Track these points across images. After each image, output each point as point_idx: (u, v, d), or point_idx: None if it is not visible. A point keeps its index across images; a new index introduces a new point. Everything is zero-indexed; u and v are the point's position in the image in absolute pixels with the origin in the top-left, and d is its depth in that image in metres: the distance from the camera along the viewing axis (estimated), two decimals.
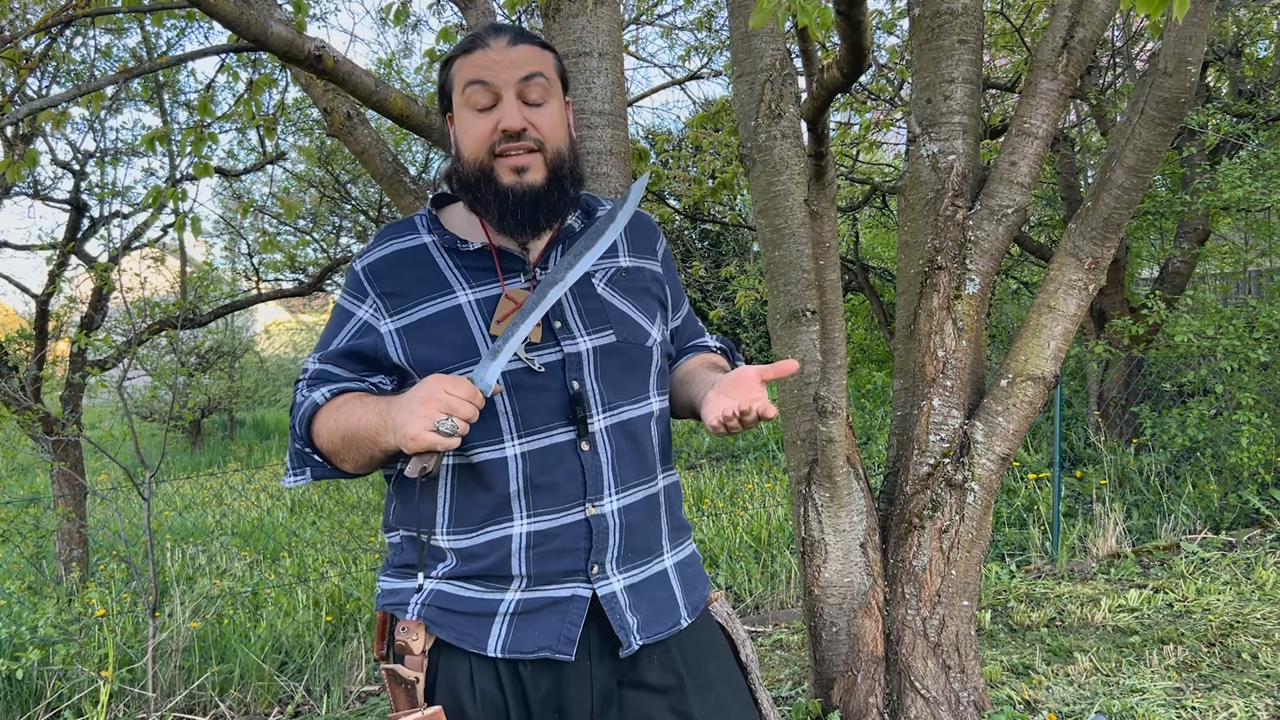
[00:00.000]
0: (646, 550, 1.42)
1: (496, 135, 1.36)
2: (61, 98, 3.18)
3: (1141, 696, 3.30)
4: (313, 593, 5.10)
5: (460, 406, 1.23)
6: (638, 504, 1.41)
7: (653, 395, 1.46)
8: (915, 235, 3.06)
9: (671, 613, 1.43)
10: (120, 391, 4.39)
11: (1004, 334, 8.92)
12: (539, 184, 1.37)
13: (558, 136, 1.40)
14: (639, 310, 1.45)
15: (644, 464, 1.43)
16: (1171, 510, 5.67)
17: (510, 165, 1.36)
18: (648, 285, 1.49)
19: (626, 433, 1.41)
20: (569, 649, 1.33)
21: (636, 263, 1.51)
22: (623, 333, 1.41)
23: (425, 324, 1.38)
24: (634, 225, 1.54)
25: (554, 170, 1.38)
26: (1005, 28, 6.47)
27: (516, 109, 1.36)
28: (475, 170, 1.38)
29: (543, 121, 1.37)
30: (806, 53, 2.73)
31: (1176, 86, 2.70)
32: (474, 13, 3.03)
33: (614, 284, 1.45)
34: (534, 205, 1.37)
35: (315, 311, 24.52)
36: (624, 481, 1.40)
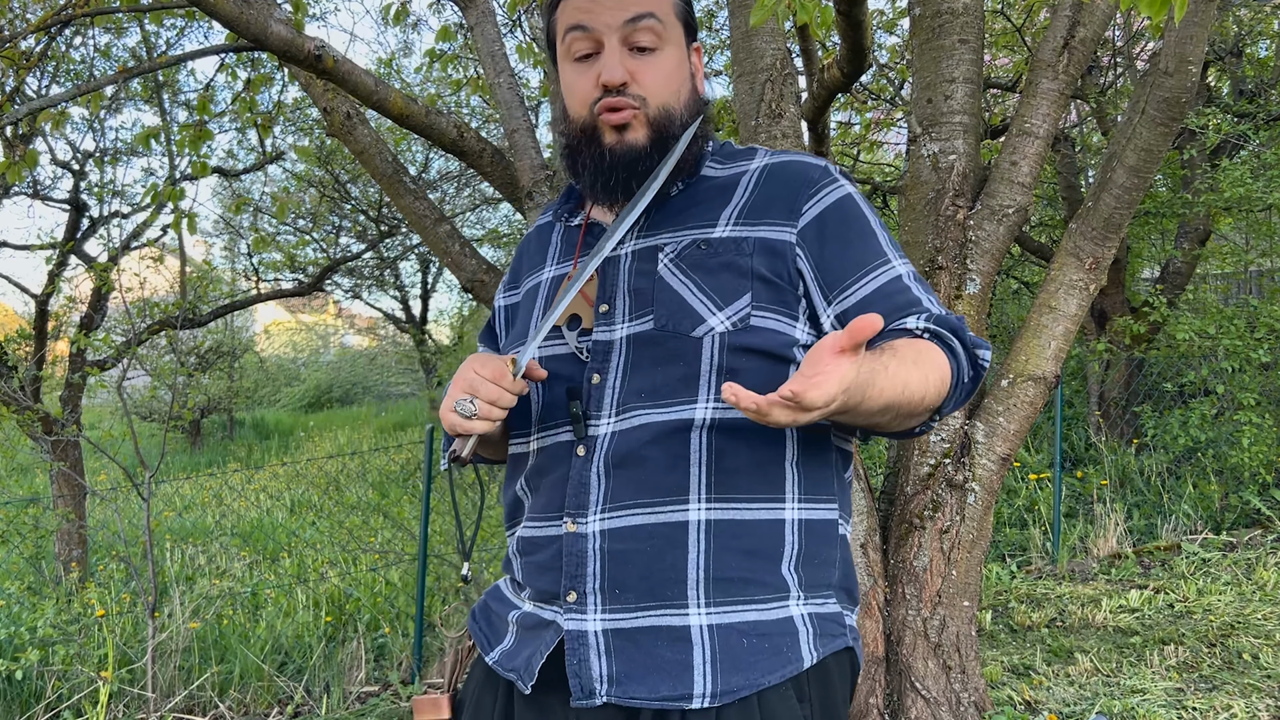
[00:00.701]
0: (653, 594, 1.11)
1: (597, 90, 1.18)
2: (61, 97, 3.18)
3: (1142, 697, 3.29)
4: (312, 593, 5.10)
5: (481, 386, 1.12)
6: (634, 530, 1.12)
7: (704, 401, 1.14)
8: (916, 235, 3.05)
9: (675, 682, 1.09)
10: (120, 391, 4.38)
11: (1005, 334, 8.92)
12: (640, 144, 1.19)
13: (666, 90, 1.20)
14: (704, 291, 1.16)
15: (659, 483, 1.13)
16: (1172, 511, 5.66)
17: (612, 123, 1.19)
18: (737, 260, 1.17)
19: (635, 440, 1.14)
20: (527, 680, 1.15)
21: (741, 231, 1.19)
22: (664, 318, 1.16)
23: (519, 302, 1.34)
24: (765, 182, 1.23)
25: (658, 129, 1.19)
26: (1006, 27, 6.47)
27: (618, 58, 1.17)
28: (578, 131, 1.22)
29: (648, 74, 1.19)
30: (807, 52, 2.73)
31: (1177, 86, 2.69)
32: (474, 12, 3.03)
33: (682, 259, 1.19)
34: (629, 168, 1.19)
35: (315, 311, 24.53)
36: (616, 499, 1.13)
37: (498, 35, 3.04)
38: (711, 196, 1.23)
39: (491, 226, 12.35)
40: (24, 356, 6.24)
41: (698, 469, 1.13)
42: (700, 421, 1.13)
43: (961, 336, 1.15)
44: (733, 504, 1.13)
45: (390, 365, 20.94)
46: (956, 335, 1.15)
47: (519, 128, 2.93)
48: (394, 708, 3.90)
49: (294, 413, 20.28)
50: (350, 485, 10.03)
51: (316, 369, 22.73)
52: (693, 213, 1.23)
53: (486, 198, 10.83)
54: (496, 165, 2.99)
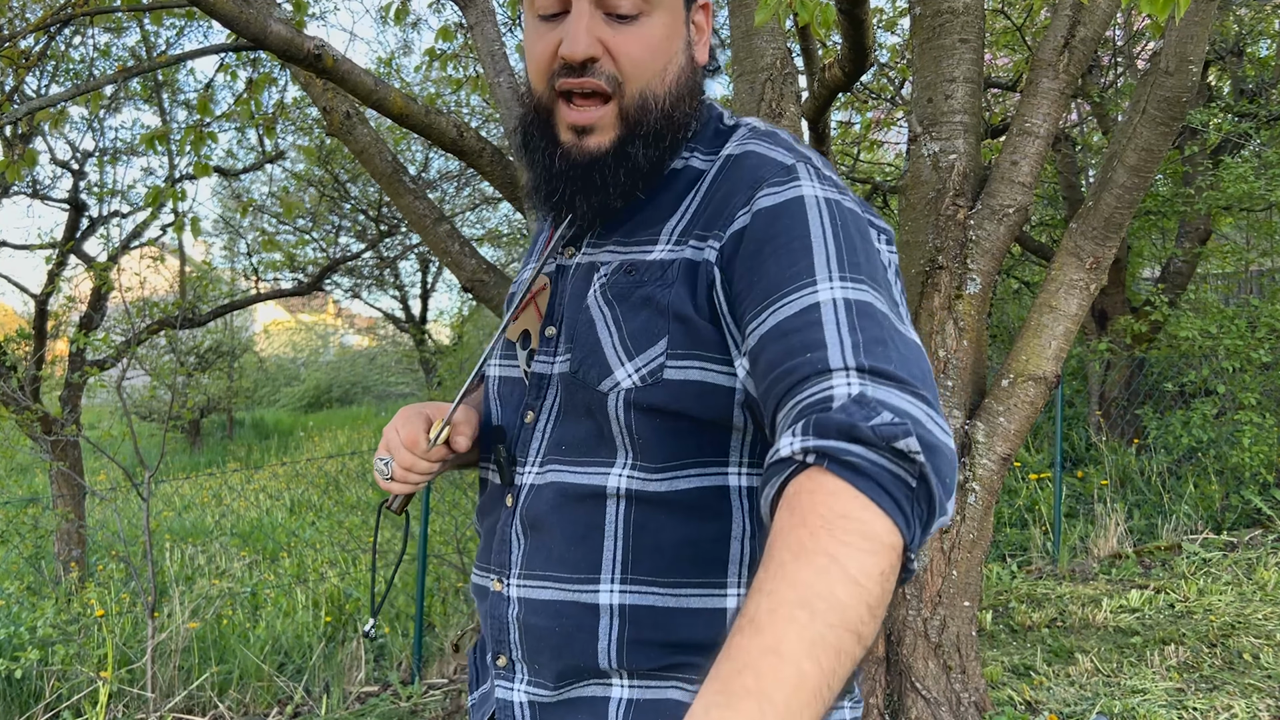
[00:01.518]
0: (569, 674, 0.96)
1: (557, 62, 0.94)
2: (60, 97, 3.18)
3: (1143, 697, 3.29)
4: (312, 593, 5.10)
5: (396, 450, 1.01)
6: (545, 605, 0.95)
7: (620, 467, 0.93)
8: (916, 234, 3.05)
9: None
10: (119, 391, 4.38)
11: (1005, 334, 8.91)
12: (601, 150, 0.95)
13: (647, 69, 0.94)
14: (619, 333, 0.93)
15: (565, 555, 0.94)
16: (1173, 510, 5.66)
17: (570, 120, 0.95)
18: (660, 293, 0.92)
19: (543, 501, 0.96)
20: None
21: (673, 252, 0.94)
22: (578, 362, 0.95)
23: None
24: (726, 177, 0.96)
25: (630, 128, 0.94)
26: (1006, 27, 6.46)
27: (584, 26, 0.91)
28: (534, 109, 0.99)
29: (626, 46, 0.92)
30: (807, 51, 2.73)
31: (1178, 86, 2.69)
32: (474, 11, 3.02)
33: (610, 287, 0.96)
34: (580, 181, 0.96)
35: (314, 311, 24.54)
36: (530, 565, 0.97)
37: (498, 34, 3.04)
38: (672, 197, 0.98)
39: (491, 226, 12.36)
40: (23, 356, 6.24)
41: (612, 543, 0.93)
42: (615, 491, 0.93)
43: (856, 433, 0.68)
44: (654, 589, 0.92)
45: (390, 365, 20.94)
46: (853, 436, 0.68)
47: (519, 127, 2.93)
48: (394, 708, 3.89)
49: (293, 413, 20.28)
50: (350, 485, 10.03)
51: (316, 369, 22.73)
52: (645, 220, 0.98)
53: (486, 197, 10.82)
54: (496, 164, 2.98)
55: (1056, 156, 7.10)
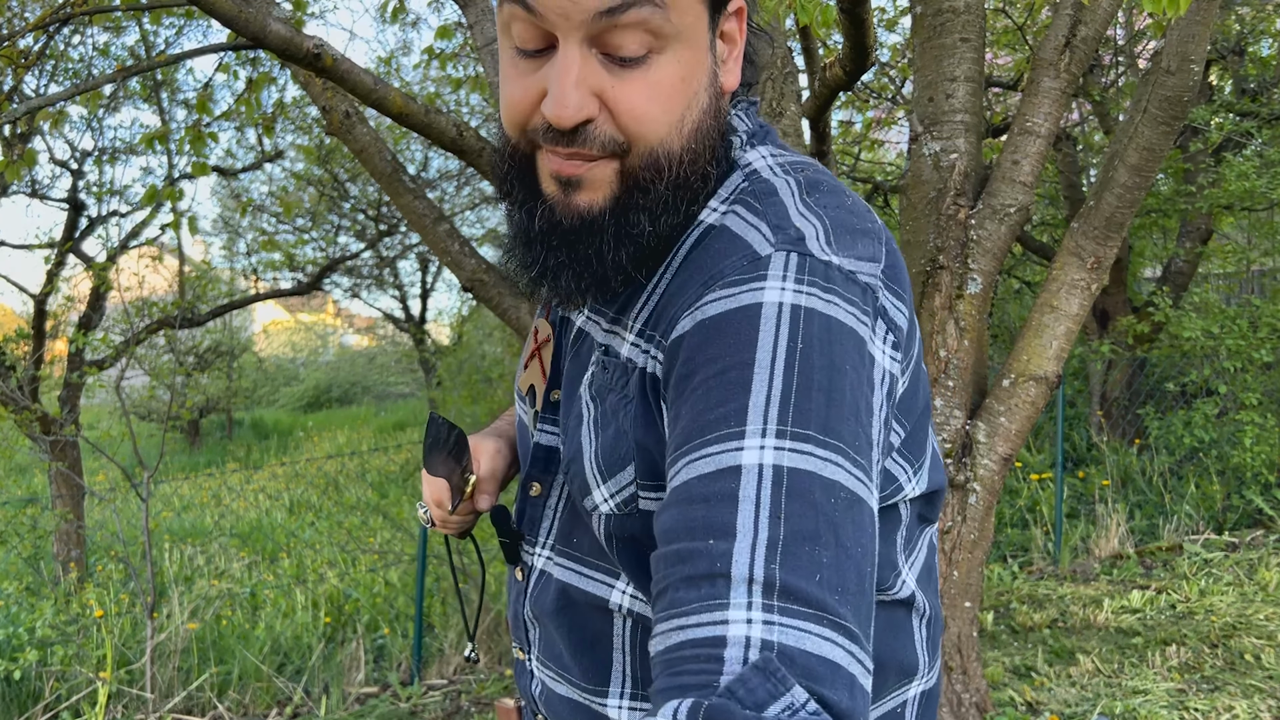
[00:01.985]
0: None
1: (539, 118, 0.73)
2: (59, 96, 3.17)
3: (1144, 698, 3.28)
4: (311, 594, 5.09)
5: (430, 506, 0.97)
6: (562, 701, 0.88)
7: (622, 584, 0.82)
8: (917, 234, 3.04)
9: None
10: (118, 391, 4.37)
11: (1006, 334, 8.91)
12: (594, 211, 0.75)
13: (660, 125, 0.72)
14: (595, 443, 0.79)
15: (574, 661, 0.85)
16: (1174, 511, 5.65)
17: (554, 170, 0.74)
18: (619, 406, 0.78)
19: (550, 598, 0.87)
20: None
21: (637, 353, 0.77)
22: (567, 461, 0.83)
23: None
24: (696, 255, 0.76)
25: (631, 191, 0.74)
26: (1007, 26, 6.45)
27: (573, 79, 0.70)
28: (510, 154, 0.77)
29: (631, 99, 0.71)
30: (808, 50, 2.72)
31: (1179, 85, 2.68)
32: (474, 10, 3.01)
33: (594, 380, 0.81)
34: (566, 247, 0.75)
35: (313, 311, 24.54)
36: (545, 655, 0.89)
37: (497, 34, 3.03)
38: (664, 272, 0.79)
39: (491, 226, 12.34)
40: (22, 356, 6.23)
41: (621, 656, 0.83)
42: (620, 609, 0.82)
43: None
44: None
45: (389, 365, 20.93)
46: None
47: None
48: (393, 709, 3.89)
49: (293, 413, 20.27)
50: (349, 485, 10.03)
51: (315, 369, 22.73)
52: (633, 294, 0.80)
53: (486, 196, 10.82)
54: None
55: (1058, 156, 7.09)
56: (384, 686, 4.21)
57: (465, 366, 10.59)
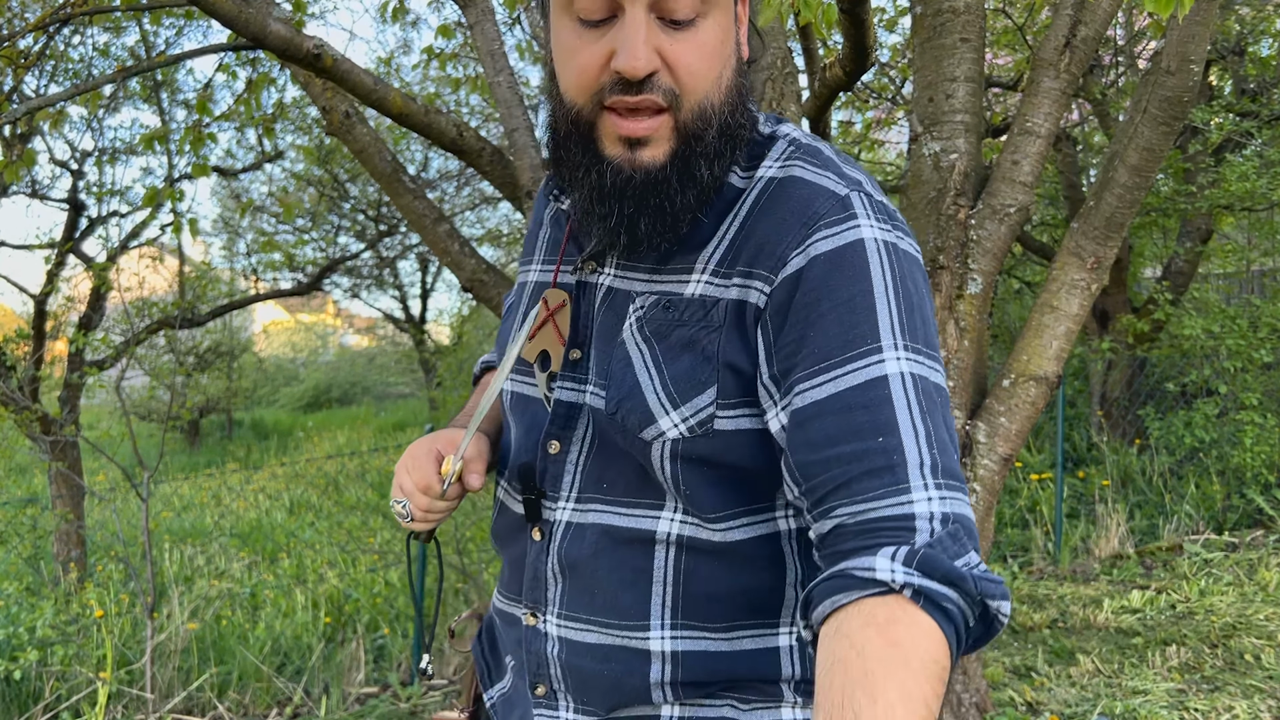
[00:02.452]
0: (620, 706, 0.94)
1: (608, 75, 0.83)
2: (59, 97, 3.17)
3: (1144, 698, 3.28)
4: (311, 594, 5.09)
5: (411, 494, 0.97)
6: (591, 649, 0.92)
7: (670, 511, 0.89)
8: (917, 234, 3.04)
9: None
10: (118, 391, 4.37)
11: (1006, 334, 8.91)
12: (658, 164, 0.84)
13: (707, 78, 0.84)
14: (661, 377, 0.87)
15: (613, 601, 0.90)
16: (1174, 511, 5.65)
17: (621, 132, 0.84)
18: (702, 336, 0.86)
19: (586, 545, 0.92)
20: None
21: (715, 289, 0.87)
22: (615, 402, 0.89)
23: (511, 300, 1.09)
24: (769, 205, 0.87)
25: (686, 141, 0.85)
26: (1007, 26, 6.45)
27: (643, 37, 0.80)
28: (571, 121, 0.86)
29: (685, 57, 0.82)
30: (808, 50, 2.72)
31: (1179, 85, 2.68)
32: (474, 10, 3.02)
33: (647, 322, 0.89)
34: (638, 200, 0.85)
35: (314, 311, 24.54)
36: (571, 608, 0.93)
37: (497, 34, 3.03)
38: (710, 220, 0.90)
39: (491, 226, 12.35)
40: (22, 356, 6.23)
41: (661, 589, 0.90)
42: (668, 538, 0.89)
43: (965, 586, 0.72)
44: (706, 635, 0.90)
45: (389, 365, 20.93)
46: (958, 585, 0.71)
47: (519, 127, 2.92)
48: (393, 709, 3.89)
49: (293, 413, 20.27)
50: (349, 485, 10.02)
51: (315, 369, 22.73)
52: (681, 247, 0.90)
53: (486, 197, 10.82)
54: (496, 164, 2.97)
55: (1058, 156, 7.09)
56: (384, 686, 4.21)
57: (465, 366, 10.58)
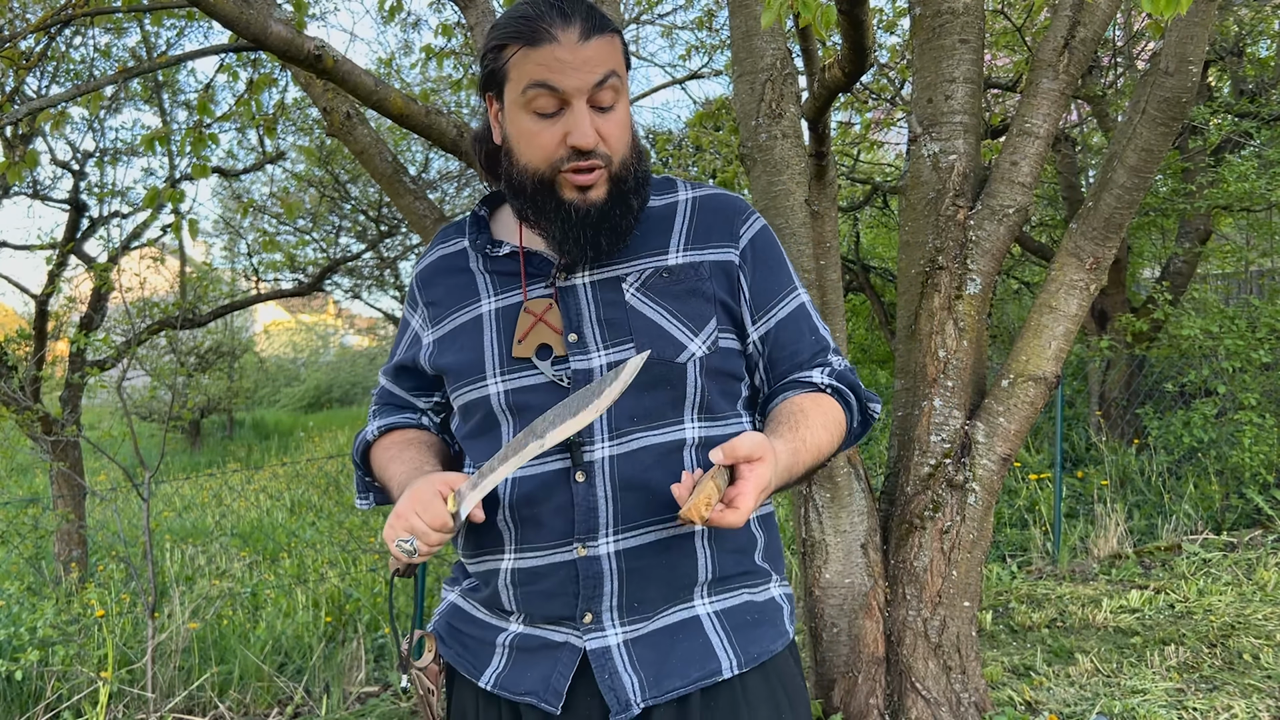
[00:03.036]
0: (664, 599, 1.23)
1: (564, 150, 1.19)
2: (61, 98, 3.18)
3: (1143, 697, 3.29)
4: (312, 593, 5.10)
5: (424, 534, 1.15)
6: (648, 547, 1.21)
7: (690, 421, 1.25)
8: (916, 235, 3.05)
9: (702, 662, 1.22)
10: (119, 392, 4.38)
11: (1005, 334, 8.91)
12: (601, 201, 1.22)
13: (624, 143, 1.23)
14: (676, 318, 1.24)
15: (665, 501, 1.21)
16: (1173, 511, 5.66)
17: (575, 183, 1.21)
18: (700, 285, 1.26)
19: (639, 464, 1.21)
20: (555, 700, 1.20)
21: (691, 257, 1.28)
22: (646, 345, 1.22)
23: (453, 334, 1.31)
24: (700, 211, 1.32)
25: (618, 183, 1.23)
26: (1006, 27, 6.46)
27: (588, 122, 1.18)
28: (534, 183, 1.22)
29: (611, 130, 1.20)
30: (807, 52, 2.73)
31: (1178, 86, 2.69)
32: (474, 11, 3.03)
33: (648, 288, 1.26)
34: (596, 226, 1.22)
35: (315, 312, 24.54)
36: (627, 520, 1.21)
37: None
38: (654, 226, 1.30)
39: None
40: (24, 356, 6.24)
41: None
42: (690, 440, 1.24)
43: (858, 392, 1.32)
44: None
45: None
46: (854, 390, 1.32)
47: None
48: (394, 708, 3.90)
49: (294, 413, 20.28)
50: (350, 485, 10.02)
51: (316, 369, 22.73)
52: (642, 242, 1.29)
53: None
54: None
55: (1056, 157, 7.10)
56: (385, 686, 4.22)
57: None
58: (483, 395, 1.26)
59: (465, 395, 1.29)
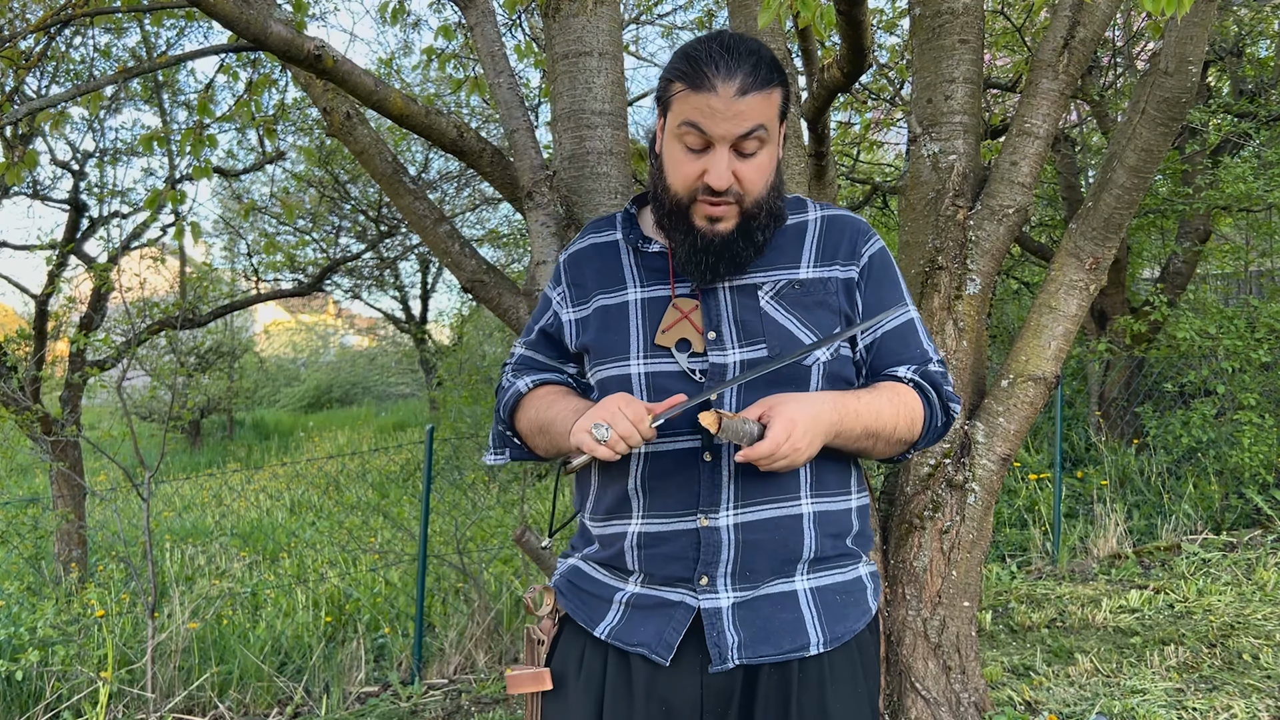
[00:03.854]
0: (772, 571, 1.39)
1: (700, 184, 1.35)
2: (60, 98, 3.18)
3: (1142, 697, 3.29)
4: (312, 593, 5.10)
5: (619, 421, 1.27)
6: (764, 523, 1.38)
7: None
8: (916, 235, 3.05)
9: (794, 637, 1.38)
10: (119, 392, 4.38)
11: (1005, 334, 8.91)
12: (727, 233, 1.37)
13: (760, 185, 1.37)
14: (805, 325, 1.41)
15: (782, 482, 1.39)
16: (1172, 511, 5.66)
17: (706, 213, 1.36)
18: (828, 298, 1.43)
19: None
20: (665, 653, 1.37)
21: (819, 273, 1.45)
22: (777, 347, 1.39)
23: (597, 314, 1.46)
24: (828, 230, 1.48)
25: (747, 219, 1.38)
26: (1006, 27, 6.46)
27: (725, 166, 1.33)
28: (672, 203, 1.40)
29: (749, 174, 1.35)
30: (807, 52, 2.73)
31: (1177, 86, 2.69)
32: (474, 12, 3.03)
33: (781, 297, 1.42)
34: (717, 255, 1.38)
35: (315, 312, 24.54)
36: (748, 497, 1.38)
37: (498, 35, 3.04)
38: (788, 241, 1.46)
39: (491, 226, 12.35)
40: (24, 356, 6.24)
41: (805, 471, 1.40)
42: None
43: (939, 389, 1.47)
44: (825, 498, 1.43)
45: (390, 365, 20.94)
46: (935, 388, 1.47)
47: (519, 128, 2.93)
48: (394, 708, 3.90)
49: (294, 413, 20.27)
50: (350, 485, 10.03)
51: (316, 369, 22.73)
52: (776, 255, 1.45)
53: (486, 198, 10.82)
54: (496, 165, 2.98)
55: (1056, 157, 7.10)
56: (384, 686, 4.22)
57: (466, 366, 10.60)
58: (625, 373, 1.41)
59: (607, 371, 1.43)
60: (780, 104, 1.38)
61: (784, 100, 1.40)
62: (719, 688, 1.37)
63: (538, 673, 1.44)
